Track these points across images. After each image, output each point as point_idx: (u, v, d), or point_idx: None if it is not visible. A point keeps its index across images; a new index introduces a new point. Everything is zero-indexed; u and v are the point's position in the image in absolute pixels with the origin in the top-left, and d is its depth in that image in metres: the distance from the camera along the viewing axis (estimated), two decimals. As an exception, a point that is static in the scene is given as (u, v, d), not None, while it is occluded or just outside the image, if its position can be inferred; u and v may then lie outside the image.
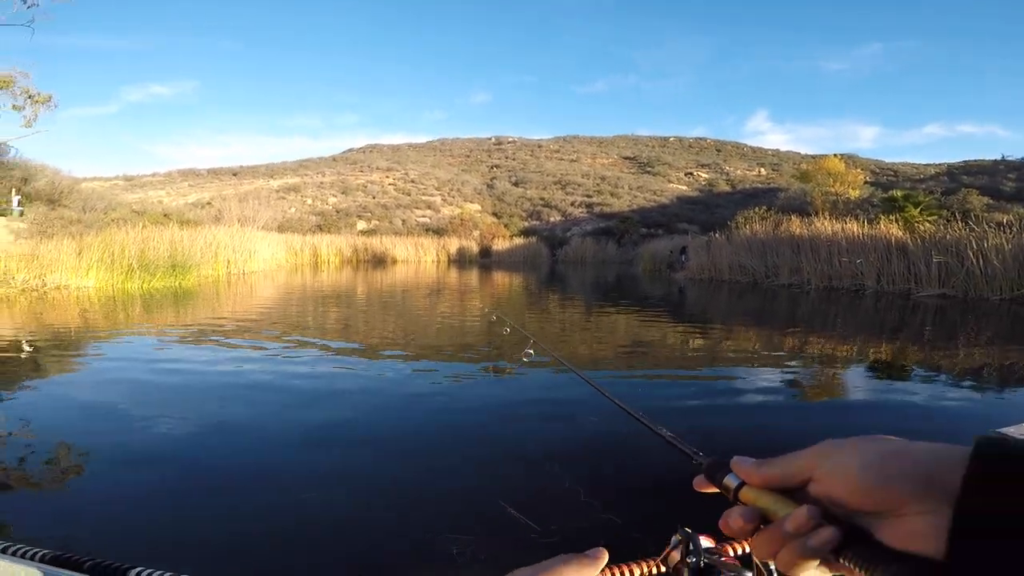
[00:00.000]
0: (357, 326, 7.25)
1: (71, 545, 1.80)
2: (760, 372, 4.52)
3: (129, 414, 3.23)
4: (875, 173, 47.18)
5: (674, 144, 66.02)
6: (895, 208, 15.82)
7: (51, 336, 5.96)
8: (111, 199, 19.58)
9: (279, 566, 1.71)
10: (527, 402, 3.62)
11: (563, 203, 41.33)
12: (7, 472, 2.38)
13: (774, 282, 14.16)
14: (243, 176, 50.23)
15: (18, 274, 10.08)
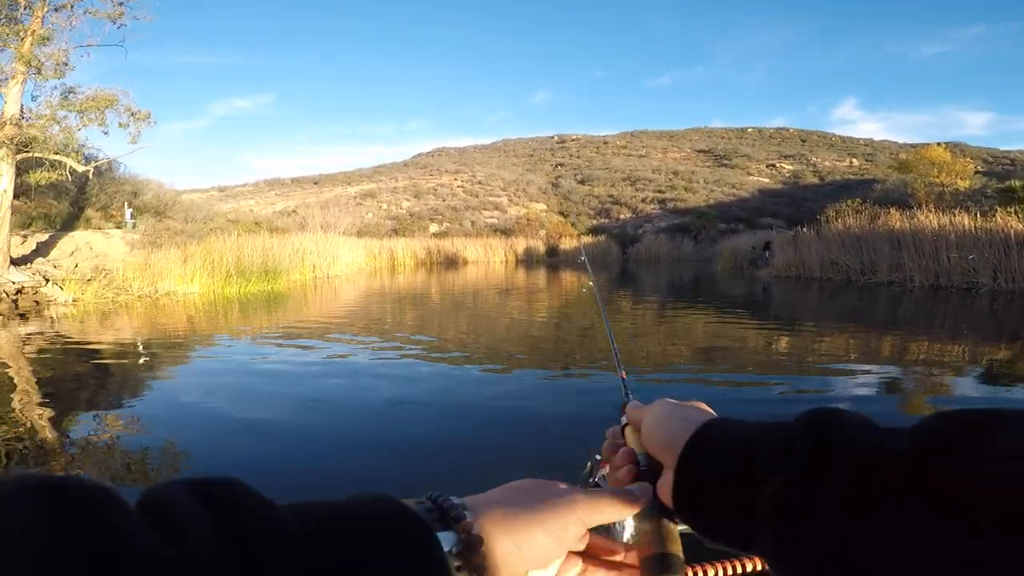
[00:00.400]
0: (432, 326, 7.43)
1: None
2: (854, 377, 4.22)
3: (228, 412, 3.48)
4: (987, 162, 42.76)
5: (752, 135, 62.95)
6: (1014, 199, 14.22)
7: (163, 338, 6.54)
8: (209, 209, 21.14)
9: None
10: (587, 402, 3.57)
11: (633, 200, 40.42)
12: (124, 465, 2.62)
13: (871, 280, 13.16)
14: (323, 184, 52.87)
15: (134, 282, 11.13)
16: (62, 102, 11.30)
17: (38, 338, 6.48)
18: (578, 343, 6.20)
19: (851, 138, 61.54)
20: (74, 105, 11.27)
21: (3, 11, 10.66)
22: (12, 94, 10.77)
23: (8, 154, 10.54)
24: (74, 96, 11.41)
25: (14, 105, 10.78)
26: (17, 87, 10.78)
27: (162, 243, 13.38)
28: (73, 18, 11.25)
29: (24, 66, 10.65)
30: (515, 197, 43.28)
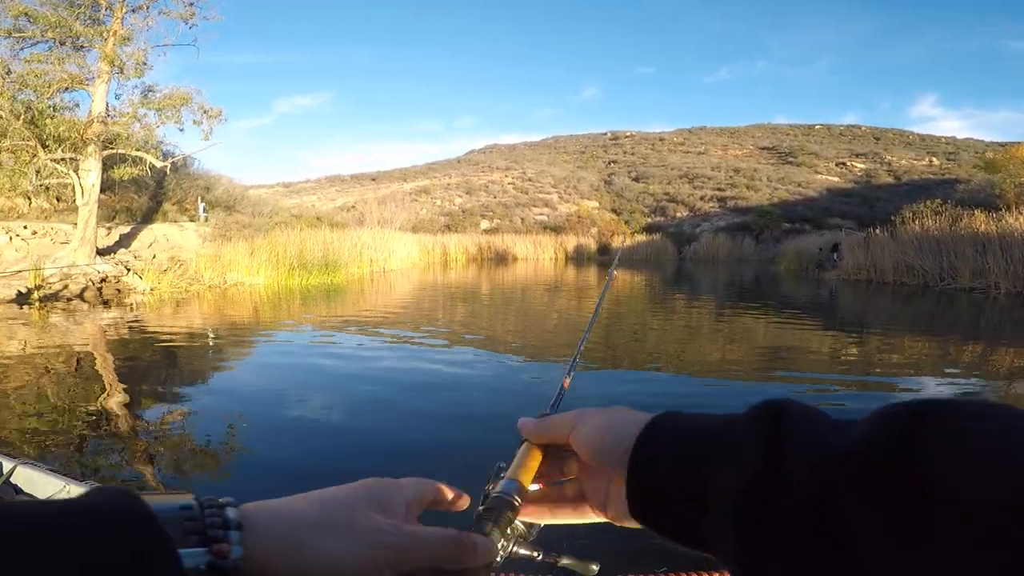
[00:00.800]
0: (482, 321, 7.48)
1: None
2: (928, 388, 3.93)
3: (288, 398, 3.62)
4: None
5: (821, 132, 59.96)
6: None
7: (230, 327, 6.88)
8: (274, 204, 22.11)
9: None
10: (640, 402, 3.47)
11: (691, 198, 39.31)
12: (190, 450, 2.74)
13: (951, 285, 12.28)
14: (380, 180, 54.26)
15: (205, 273, 11.77)
16: (142, 100, 11.93)
17: (119, 325, 6.95)
18: (626, 345, 6.09)
19: (931, 136, 57.66)
20: (153, 103, 11.88)
21: (87, 12, 11.35)
22: (99, 93, 11.44)
23: (96, 151, 11.25)
24: (152, 94, 12.03)
25: (100, 103, 11.47)
26: (103, 86, 11.46)
27: (231, 236, 14.06)
28: (149, 19, 11.86)
29: (108, 65, 11.28)
30: (565, 194, 42.99)
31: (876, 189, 38.90)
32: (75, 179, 11.18)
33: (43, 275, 9.71)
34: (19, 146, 10.84)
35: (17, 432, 2.95)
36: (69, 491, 1.34)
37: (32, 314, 7.88)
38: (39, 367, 4.54)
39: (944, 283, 12.51)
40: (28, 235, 11.89)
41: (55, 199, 14.14)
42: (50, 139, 10.82)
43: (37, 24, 10.81)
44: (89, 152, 11.17)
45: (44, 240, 11.93)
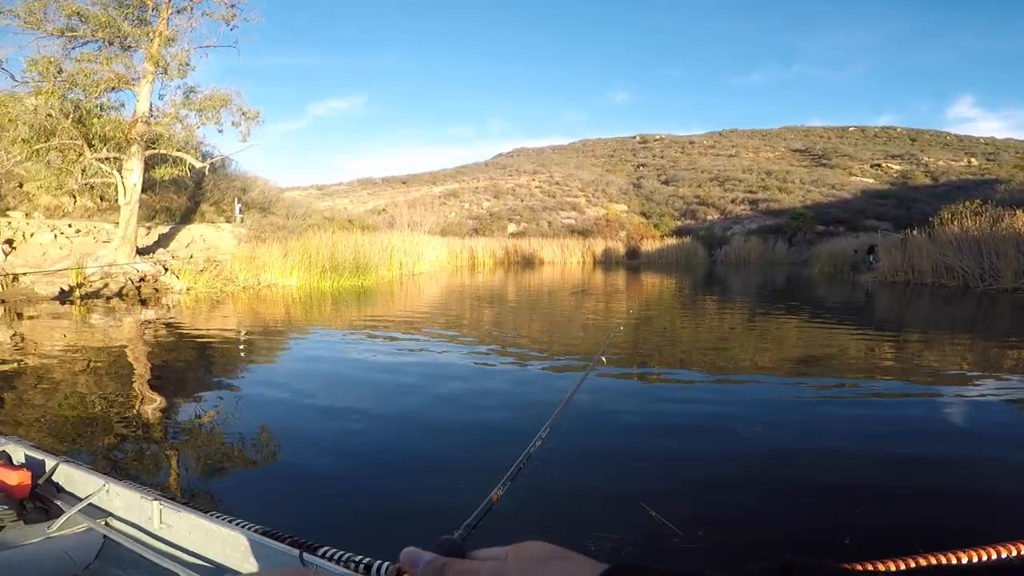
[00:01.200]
0: (508, 324, 7.50)
1: (265, 513, 2.10)
2: (970, 388, 3.79)
3: (318, 399, 3.69)
4: None
5: (855, 134, 58.31)
6: None
7: (263, 328, 7.07)
8: (308, 207, 22.60)
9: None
10: (674, 409, 3.45)
11: (721, 200, 38.64)
12: (221, 450, 2.79)
13: (992, 286, 11.80)
14: (411, 184, 54.88)
15: (240, 274, 12.10)
16: (184, 101, 12.20)
17: (156, 324, 7.21)
18: (656, 348, 6.05)
19: (969, 137, 55.56)
20: (194, 104, 12.14)
21: (135, 13, 11.66)
22: (143, 93, 11.74)
23: (139, 151, 11.54)
24: (194, 95, 12.29)
25: (144, 104, 11.76)
26: (147, 86, 11.75)
27: (265, 237, 14.43)
28: (193, 20, 12.11)
29: (153, 66, 11.56)
30: (593, 198, 42.76)
31: (913, 190, 37.63)
32: (118, 178, 11.51)
33: (84, 273, 10.12)
34: (67, 145, 11.15)
35: (54, 427, 3.07)
36: (108, 489, 1.38)
37: (73, 311, 8.23)
38: (78, 364, 4.74)
39: (985, 284, 12.03)
40: (72, 233, 12.39)
41: (99, 198, 14.69)
42: (96, 138, 11.13)
43: (88, 24, 11.11)
44: (132, 152, 11.49)
45: (87, 239, 12.42)
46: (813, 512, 2.11)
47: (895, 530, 1.95)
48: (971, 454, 2.70)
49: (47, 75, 10.63)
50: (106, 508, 1.37)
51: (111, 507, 1.37)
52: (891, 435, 2.96)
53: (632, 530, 1.88)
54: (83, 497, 1.39)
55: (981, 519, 2.02)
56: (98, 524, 1.32)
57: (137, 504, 1.31)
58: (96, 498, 1.38)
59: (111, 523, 1.34)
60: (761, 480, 2.39)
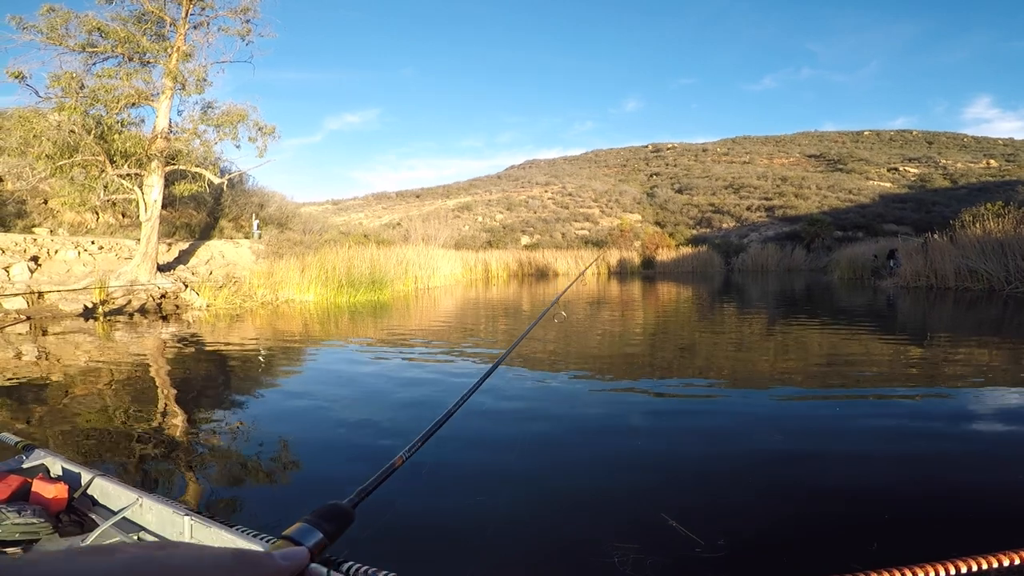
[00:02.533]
0: (524, 340, 7.48)
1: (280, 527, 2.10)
2: (998, 392, 3.69)
3: (339, 412, 3.71)
4: None
5: (870, 138, 57.81)
6: None
7: (283, 343, 7.14)
8: (324, 222, 22.88)
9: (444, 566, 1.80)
10: (689, 416, 3.41)
11: (737, 208, 38.42)
12: (241, 463, 2.80)
13: (1018, 289, 11.53)
14: (425, 197, 55.37)
15: (259, 290, 12.26)
16: (202, 116, 12.34)
17: (177, 339, 7.32)
18: (674, 358, 6.00)
19: (987, 138, 54.87)
20: (212, 120, 12.26)
21: (153, 28, 11.87)
22: (162, 109, 11.89)
23: (159, 166, 11.68)
24: (212, 111, 12.42)
25: (163, 119, 11.91)
26: (166, 102, 11.91)
27: (283, 253, 14.62)
28: (209, 35, 12.32)
29: (172, 81, 11.72)
30: (607, 208, 42.75)
31: (932, 193, 37.11)
32: (139, 194, 11.69)
33: (107, 290, 10.34)
34: (89, 161, 11.30)
35: (82, 441, 3.12)
36: (141, 504, 1.40)
37: (97, 328, 8.40)
38: (103, 379, 4.82)
39: (1011, 287, 11.76)
40: (95, 250, 12.67)
41: (120, 214, 15.01)
42: (117, 154, 11.28)
43: (108, 39, 11.33)
44: (152, 168, 11.64)
45: (109, 255, 12.69)
46: (837, 518, 2.06)
47: (924, 535, 1.90)
48: (1000, 457, 2.62)
49: (69, 91, 10.83)
50: (139, 522, 1.39)
51: (144, 521, 1.39)
52: (918, 441, 2.89)
53: (653, 540, 1.85)
54: (116, 511, 1.42)
55: (1012, 524, 1.96)
56: (130, 538, 1.34)
57: (169, 519, 1.33)
58: (129, 512, 1.40)
59: (143, 537, 1.36)
60: (783, 487, 2.34)
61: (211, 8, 12.39)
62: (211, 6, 12.38)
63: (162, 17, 11.89)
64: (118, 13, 11.70)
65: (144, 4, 11.73)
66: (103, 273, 11.12)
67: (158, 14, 11.84)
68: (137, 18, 11.86)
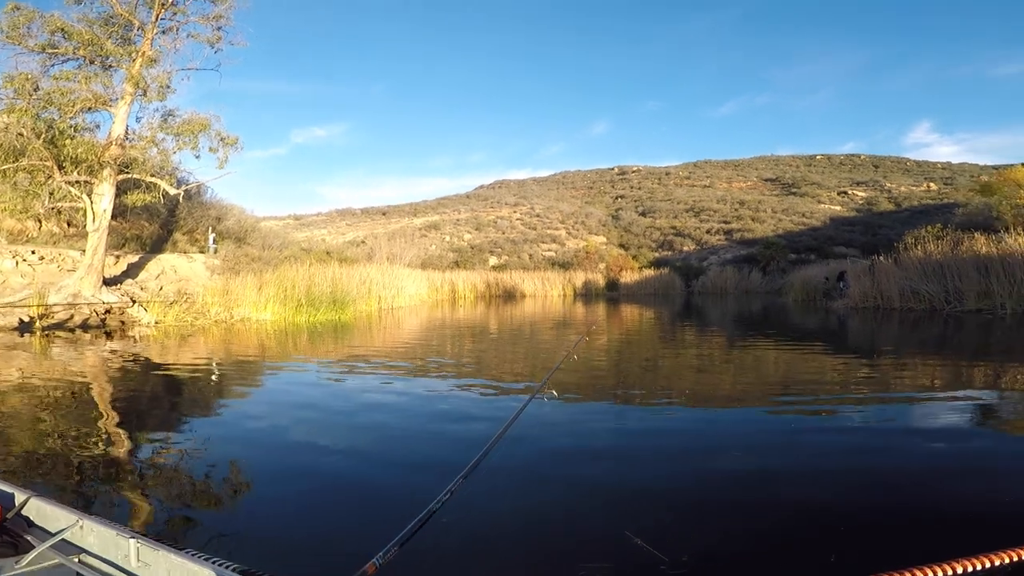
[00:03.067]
0: (489, 359, 7.44)
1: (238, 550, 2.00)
2: (943, 404, 3.84)
3: (290, 434, 3.58)
4: (1078, 180, 39.15)
5: (822, 162, 60.58)
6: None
7: (235, 362, 6.89)
8: (284, 237, 22.37)
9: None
10: (652, 435, 3.43)
11: (697, 231, 39.48)
12: (190, 484, 2.68)
13: (957, 308, 12.15)
14: (391, 215, 54.98)
15: (212, 307, 11.84)
16: (161, 124, 11.83)
17: (122, 357, 6.98)
18: (639, 377, 6.05)
19: (927, 162, 58.27)
20: (172, 128, 11.79)
21: (119, 32, 11.42)
22: (120, 114, 11.41)
23: (111, 174, 11.13)
24: (172, 119, 11.95)
25: (120, 126, 11.41)
26: (125, 108, 11.44)
27: (240, 269, 14.17)
28: (177, 41, 11.96)
29: (133, 87, 11.27)
30: (573, 230, 43.31)
31: (878, 216, 38.99)
32: (87, 203, 11.08)
33: (47, 304, 9.81)
34: (36, 166, 10.74)
35: (14, 462, 2.92)
36: (82, 525, 1.34)
37: (34, 343, 7.95)
38: (39, 397, 4.54)
39: (951, 306, 12.39)
40: (35, 260, 12.02)
41: (66, 223, 14.33)
42: (67, 160, 10.72)
43: (71, 41, 10.88)
44: (104, 176, 11.10)
45: (51, 266, 12.06)
46: (795, 531, 2.08)
47: (878, 545, 1.93)
48: (945, 468, 2.70)
49: (22, 92, 10.34)
50: (79, 544, 1.34)
51: (85, 544, 1.34)
52: (869, 454, 2.96)
53: (619, 558, 1.85)
54: (54, 532, 1.37)
55: (958, 533, 2.01)
56: (71, 560, 1.29)
57: (113, 541, 1.28)
58: (69, 534, 1.35)
59: (85, 560, 1.30)
60: (743, 503, 2.36)
61: (183, 13, 12.09)
62: (183, 11, 12.08)
63: (131, 20, 11.48)
64: (85, 15, 11.30)
65: (114, 6, 11.33)
66: (43, 285, 10.56)
67: (127, 17, 11.44)
68: (105, 20, 11.45)
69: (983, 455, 2.94)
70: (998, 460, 2.88)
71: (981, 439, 3.24)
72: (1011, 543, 1.03)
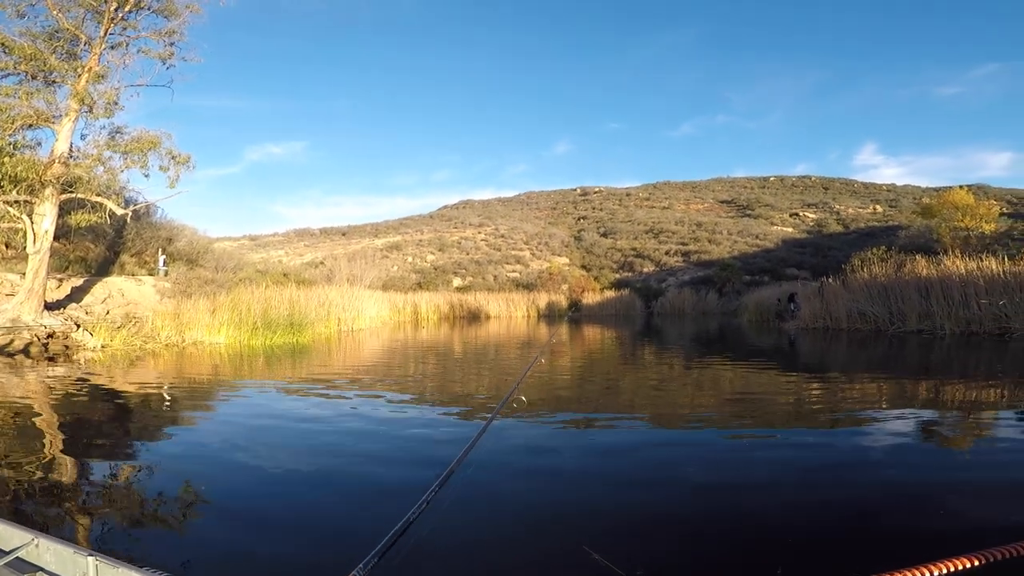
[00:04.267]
0: (453, 382, 7.39)
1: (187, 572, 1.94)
2: (888, 423, 4.02)
3: (246, 458, 3.47)
4: (1012, 204, 42.09)
5: (775, 184, 63.17)
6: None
7: (187, 387, 6.64)
8: (239, 259, 21.73)
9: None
10: (610, 453, 3.48)
11: (656, 253, 40.43)
12: (140, 510, 2.60)
13: (900, 329, 12.78)
14: (351, 235, 54.23)
15: (163, 331, 11.37)
16: (108, 142, 11.35)
17: (64, 382, 6.63)
18: (599, 396, 6.12)
19: (873, 184, 61.24)
20: (119, 146, 11.31)
21: (64, 47, 10.97)
22: (63, 132, 10.90)
23: (53, 194, 10.61)
24: (120, 136, 11.47)
25: (64, 143, 10.90)
26: (69, 125, 10.94)
27: (192, 292, 13.69)
28: (127, 56, 11.50)
29: (78, 104, 10.81)
30: (537, 251, 43.70)
31: (827, 238, 40.74)
32: (27, 224, 10.49)
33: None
34: None
35: None
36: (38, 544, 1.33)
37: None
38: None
39: (894, 327, 13.01)
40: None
41: (4, 245, 13.58)
42: (5, 179, 10.14)
43: (12, 55, 10.41)
44: (46, 195, 10.57)
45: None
46: (745, 544, 2.15)
47: (826, 557, 2.01)
48: (892, 481, 2.84)
49: None
50: (35, 563, 1.34)
51: (41, 562, 1.33)
52: (818, 468, 3.08)
53: (577, 572, 1.90)
54: (9, 551, 1.35)
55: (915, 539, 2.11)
56: None
57: (71, 559, 1.28)
58: (24, 552, 1.33)
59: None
60: (697, 518, 2.44)
61: (134, 28, 11.73)
62: (134, 26, 11.71)
63: (77, 35, 11.07)
64: (28, 28, 10.84)
65: (59, 20, 10.92)
66: (-22, 312, 9.97)
67: (73, 32, 11.03)
68: (49, 35, 11.01)
69: (922, 468, 3.10)
70: (936, 473, 3.04)
71: (921, 454, 3.41)
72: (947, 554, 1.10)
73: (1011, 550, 1.16)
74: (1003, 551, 1.16)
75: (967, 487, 2.75)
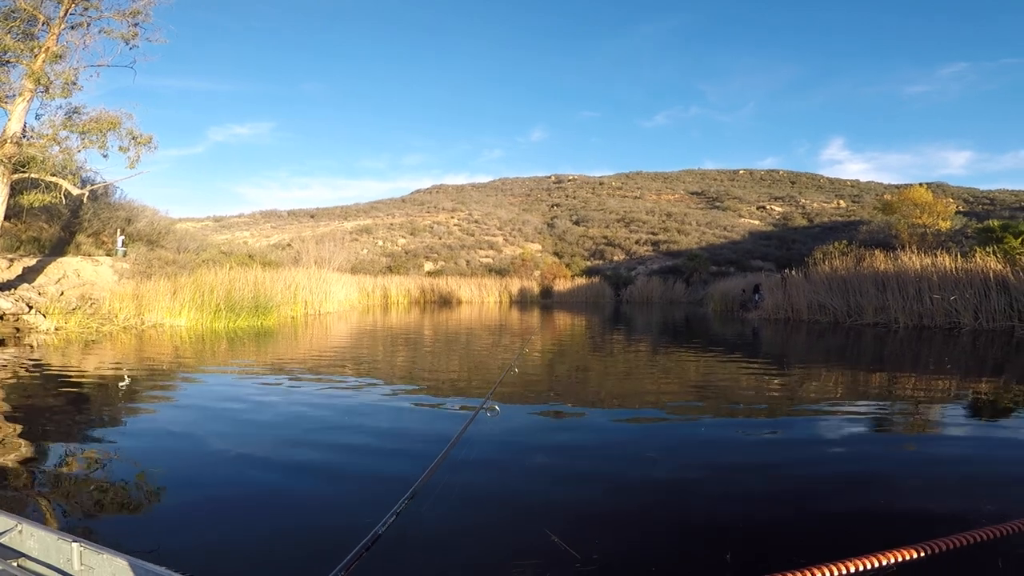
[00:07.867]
0: (422, 367, 7.36)
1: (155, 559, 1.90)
2: (842, 412, 4.18)
3: (207, 444, 3.41)
4: (968, 202, 43.92)
5: (744, 177, 64.36)
6: (992, 239, 14.53)
7: (145, 369, 6.44)
8: (202, 240, 21.14)
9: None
10: (574, 438, 3.54)
11: (627, 241, 40.86)
12: (95, 498, 2.54)
13: (857, 321, 13.26)
14: (320, 218, 53.23)
15: (120, 313, 11.01)
16: (65, 122, 11.08)
17: (14, 365, 6.36)
18: (567, 383, 6.18)
19: (838, 179, 62.98)
20: (77, 126, 11.06)
21: (21, 26, 10.60)
22: (17, 112, 10.58)
23: (4, 173, 10.30)
24: (78, 117, 11.20)
25: (17, 123, 10.59)
26: (23, 105, 10.63)
27: (152, 273, 13.27)
28: (88, 37, 11.21)
29: (33, 84, 10.49)
30: (511, 237, 43.66)
31: (792, 231, 41.78)
32: None
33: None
34: None
35: None
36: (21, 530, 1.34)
37: (-90, 355, 7.09)
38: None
39: (851, 320, 13.49)
40: (-85, 267, 10.78)
41: (-48, 225, 12.91)
42: None
43: None
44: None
45: (-67, 274, 10.84)
46: (702, 530, 2.23)
47: (778, 543, 2.09)
48: (844, 472, 2.95)
49: None
50: (19, 549, 1.34)
51: (25, 548, 1.34)
52: (774, 458, 3.19)
53: (536, 556, 1.94)
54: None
55: (865, 529, 2.21)
56: (9, 565, 1.29)
57: (55, 545, 1.29)
58: (7, 538, 1.34)
59: (24, 564, 1.30)
60: (656, 502, 2.50)
61: (95, 8, 11.34)
62: (96, 6, 11.33)
63: (35, 15, 10.66)
64: None
65: (16, 1, 10.50)
66: (-80, 290, 9.44)
67: (31, 11, 10.62)
68: (5, 15, 10.59)
69: (873, 460, 3.24)
70: (886, 465, 3.18)
71: (872, 445, 3.56)
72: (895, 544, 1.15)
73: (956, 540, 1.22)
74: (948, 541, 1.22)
75: (916, 479, 2.88)
